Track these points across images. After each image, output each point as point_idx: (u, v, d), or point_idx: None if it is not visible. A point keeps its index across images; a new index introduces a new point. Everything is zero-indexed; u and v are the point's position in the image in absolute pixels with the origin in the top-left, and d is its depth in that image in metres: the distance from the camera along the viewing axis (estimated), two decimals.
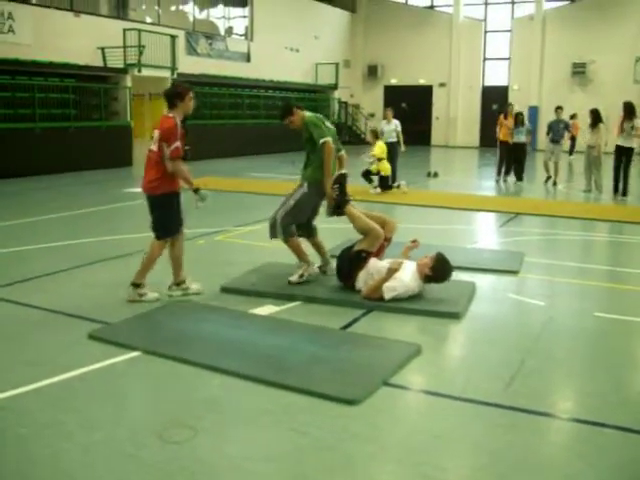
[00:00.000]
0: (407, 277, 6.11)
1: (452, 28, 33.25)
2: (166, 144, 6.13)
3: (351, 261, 6.39)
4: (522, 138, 17.02)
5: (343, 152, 7.00)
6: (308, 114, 6.79)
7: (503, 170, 17.47)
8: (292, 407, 4.12)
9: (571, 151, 24.64)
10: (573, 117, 23.66)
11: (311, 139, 6.66)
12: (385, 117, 15.88)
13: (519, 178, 17.19)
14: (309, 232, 7.00)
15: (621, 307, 6.54)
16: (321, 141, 6.51)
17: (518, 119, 17.09)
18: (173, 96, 6.29)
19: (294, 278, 6.70)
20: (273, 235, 6.74)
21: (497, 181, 17.47)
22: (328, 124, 6.82)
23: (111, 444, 3.66)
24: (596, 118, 15.01)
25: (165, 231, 6.44)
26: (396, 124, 15.50)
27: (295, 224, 6.76)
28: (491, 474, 3.46)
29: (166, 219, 6.42)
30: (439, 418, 4.11)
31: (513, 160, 17.22)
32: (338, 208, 6.59)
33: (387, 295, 6.03)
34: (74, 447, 3.63)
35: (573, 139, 24.18)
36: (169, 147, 6.11)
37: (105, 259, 7.97)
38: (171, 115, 6.25)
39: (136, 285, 6.29)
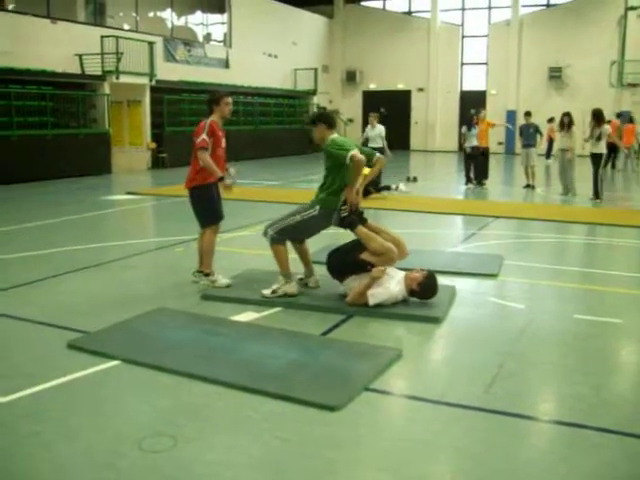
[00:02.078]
0: (393, 285, 6.11)
1: (430, 33, 33.43)
2: (196, 139, 6.74)
3: (352, 265, 6.28)
4: (473, 142, 17.06)
5: (379, 155, 6.69)
6: (332, 138, 6.46)
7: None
8: (273, 414, 4.10)
9: (548, 155, 24.78)
10: (551, 121, 23.81)
11: (329, 161, 6.41)
12: (369, 123, 15.83)
13: (469, 181, 17.23)
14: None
15: (600, 309, 6.58)
16: (348, 157, 6.11)
17: (472, 122, 17.16)
18: (209, 102, 6.98)
19: (267, 292, 6.51)
20: (265, 234, 6.61)
21: (483, 184, 17.48)
22: (351, 146, 6.37)
23: (90, 454, 3.62)
24: (570, 121, 15.20)
25: (205, 220, 7.03)
26: (380, 129, 15.42)
27: (289, 239, 6.65)
28: (473, 478, 3.46)
29: (203, 209, 7.00)
30: (420, 423, 4.11)
31: (473, 164, 17.29)
32: (348, 227, 6.39)
33: (371, 301, 6.03)
34: (53, 458, 3.59)
35: (550, 143, 24.33)
36: (198, 140, 6.72)
37: (84, 267, 7.91)
38: (206, 118, 6.90)
39: (206, 274, 6.91)
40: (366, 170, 6.58)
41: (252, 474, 3.45)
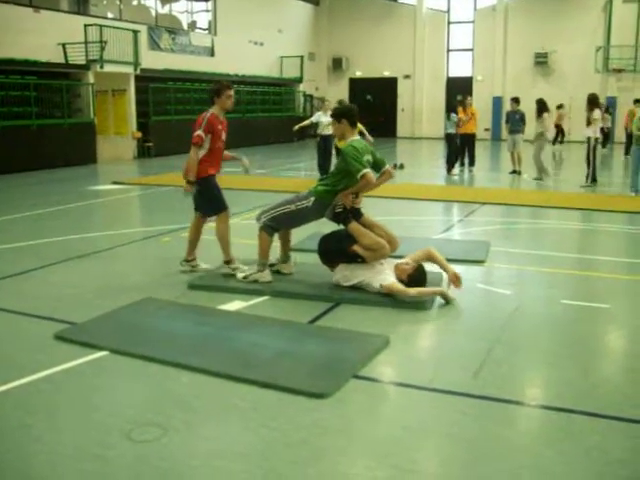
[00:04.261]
0: (393, 278, 6.14)
1: (415, 20, 33.34)
2: (193, 132, 6.72)
3: (343, 255, 6.29)
4: (449, 128, 17.18)
5: (388, 167, 6.67)
6: (351, 141, 6.37)
7: (467, 161, 17.67)
8: (261, 403, 4.10)
9: (555, 141, 24.90)
10: (560, 107, 24.03)
11: (342, 163, 6.36)
12: (322, 108, 15.35)
13: (448, 168, 17.32)
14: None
15: (587, 294, 6.62)
16: (359, 175, 6.16)
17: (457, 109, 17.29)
18: (211, 93, 6.95)
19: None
20: (258, 219, 6.61)
21: (470, 171, 17.59)
22: (367, 156, 6.35)
23: (80, 445, 3.61)
24: (541, 108, 15.55)
25: (210, 209, 6.99)
26: None
27: (282, 227, 6.66)
28: (461, 464, 3.48)
29: (208, 199, 6.94)
30: (409, 409, 4.12)
31: (454, 150, 17.37)
32: (342, 223, 6.39)
33: (382, 284, 6.07)
34: (42, 449, 3.58)
35: (558, 128, 24.54)
36: (194, 134, 6.71)
37: (70, 258, 7.87)
38: (208, 110, 6.87)
39: (227, 262, 6.91)
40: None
41: (241, 463, 3.45)
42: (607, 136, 23.53)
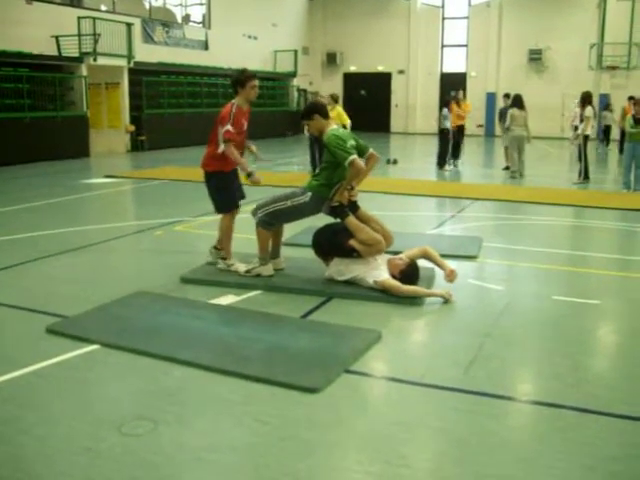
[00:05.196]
0: (384, 270, 6.15)
1: (410, 15, 33.29)
2: (220, 127, 6.52)
3: (339, 249, 6.28)
4: (446, 124, 17.25)
5: (372, 150, 6.56)
6: (331, 131, 6.31)
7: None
8: (253, 397, 4.11)
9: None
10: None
11: (328, 155, 6.32)
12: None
13: (440, 164, 17.35)
14: None
15: (578, 290, 6.64)
16: (347, 161, 6.07)
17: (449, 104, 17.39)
18: (234, 83, 6.68)
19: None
20: (254, 214, 6.55)
21: (455, 165, 17.68)
22: (351, 141, 6.26)
23: (71, 439, 3.61)
24: (512, 103, 15.92)
25: (219, 206, 6.86)
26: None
27: (278, 223, 6.62)
28: (452, 459, 3.49)
29: (217, 195, 6.82)
30: (400, 404, 4.13)
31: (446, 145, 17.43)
32: (339, 217, 6.37)
33: (376, 280, 6.06)
34: (33, 443, 3.57)
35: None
36: (222, 129, 6.49)
37: (62, 252, 7.85)
38: (232, 102, 6.63)
39: (223, 258, 6.80)
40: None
41: (232, 456, 3.45)
42: (607, 133, 23.46)
